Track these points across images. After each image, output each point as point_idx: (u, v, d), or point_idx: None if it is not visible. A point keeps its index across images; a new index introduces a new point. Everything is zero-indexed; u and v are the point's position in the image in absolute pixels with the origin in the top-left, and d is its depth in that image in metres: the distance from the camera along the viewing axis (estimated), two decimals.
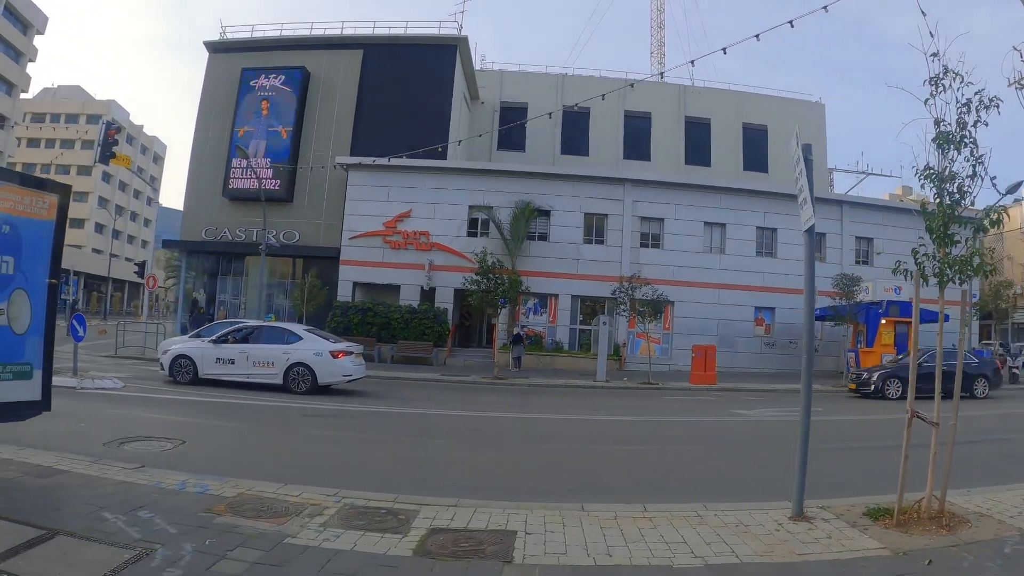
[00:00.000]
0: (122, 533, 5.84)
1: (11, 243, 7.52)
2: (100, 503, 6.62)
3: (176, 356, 19.80)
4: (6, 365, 7.48)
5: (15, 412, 7.76)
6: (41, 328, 7.95)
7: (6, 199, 7.49)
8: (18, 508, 6.22)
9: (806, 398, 7.57)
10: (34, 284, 7.86)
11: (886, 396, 22.83)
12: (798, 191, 7.85)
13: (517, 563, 5.69)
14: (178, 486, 7.56)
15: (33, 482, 7.30)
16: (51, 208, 8.10)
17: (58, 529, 5.76)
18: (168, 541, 5.74)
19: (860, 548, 6.19)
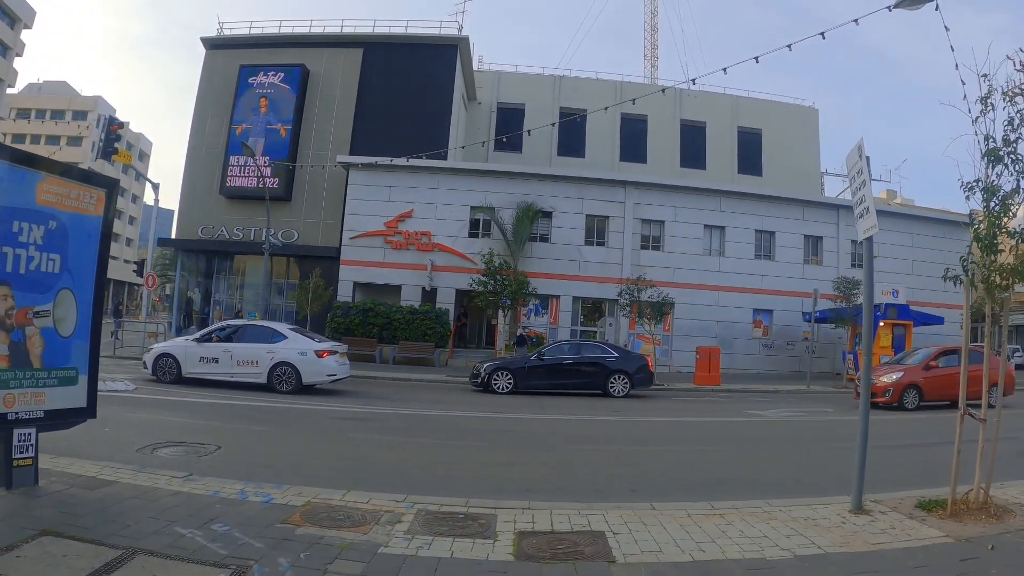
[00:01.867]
0: (205, 549, 5.64)
1: (58, 240, 7.21)
2: (167, 517, 6.40)
3: (159, 355, 19.71)
4: (52, 370, 7.20)
5: (61, 420, 7.46)
6: (87, 331, 7.65)
7: (52, 192, 7.19)
8: (82, 526, 5.95)
9: (864, 402, 7.83)
10: (81, 284, 7.55)
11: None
12: (857, 201, 7.88)
13: (621, 562, 5.79)
14: (239, 495, 7.38)
15: (85, 495, 6.96)
16: (99, 203, 7.79)
17: (136, 548, 5.51)
18: (259, 556, 5.57)
19: (925, 537, 6.56)
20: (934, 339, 35.01)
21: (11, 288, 6.73)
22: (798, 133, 50.29)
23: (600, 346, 24.25)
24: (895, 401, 20.08)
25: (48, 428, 7.31)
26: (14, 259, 6.74)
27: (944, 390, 19.92)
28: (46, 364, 7.15)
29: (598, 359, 22.64)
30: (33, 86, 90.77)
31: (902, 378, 20.50)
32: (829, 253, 37.65)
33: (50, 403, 7.17)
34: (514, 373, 22.22)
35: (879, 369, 21.03)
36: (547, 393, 21.60)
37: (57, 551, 5.32)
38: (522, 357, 23.98)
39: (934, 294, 32.34)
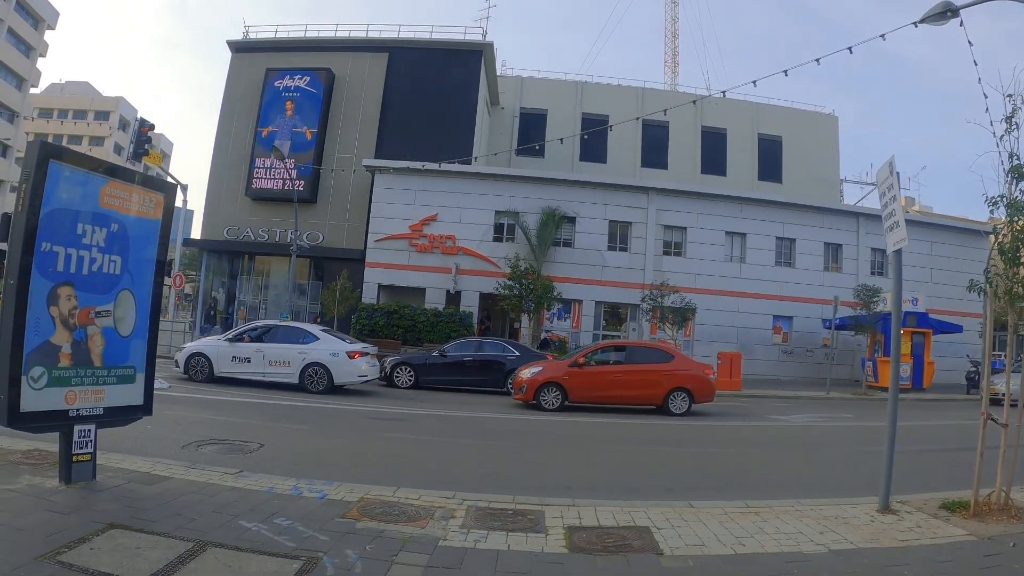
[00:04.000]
0: (273, 542, 5.86)
1: (119, 242, 7.48)
2: (229, 511, 6.62)
3: (192, 354, 20.07)
4: (111, 368, 7.47)
5: (119, 417, 7.74)
6: (145, 331, 7.93)
7: (114, 196, 7.45)
8: (147, 519, 6.16)
9: (893, 406, 8.13)
10: (140, 285, 7.82)
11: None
12: (886, 215, 8.20)
13: (668, 555, 6.12)
14: (293, 491, 7.62)
15: (144, 489, 7.19)
16: (158, 206, 8.07)
17: (205, 540, 5.72)
18: (327, 549, 5.79)
19: (950, 535, 6.90)
20: (954, 348, 35.21)
21: (74, 288, 6.97)
22: (818, 140, 50.37)
23: (501, 344, 24.33)
24: (531, 399, 18.39)
25: (107, 425, 7.60)
26: (78, 260, 7.00)
27: (593, 391, 18.60)
28: (106, 363, 7.42)
29: (497, 357, 22.91)
30: (55, 86, 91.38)
31: (539, 375, 18.69)
32: (849, 260, 37.73)
33: (109, 400, 7.45)
34: (416, 369, 22.66)
35: (531, 365, 19.75)
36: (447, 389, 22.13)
37: (130, 543, 5.56)
38: (424, 354, 24.33)
39: (953, 302, 32.48)
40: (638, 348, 21.24)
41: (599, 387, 18.63)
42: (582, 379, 18.55)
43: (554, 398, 18.35)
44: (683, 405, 18.57)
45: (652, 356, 19.88)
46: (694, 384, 18.87)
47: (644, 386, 18.65)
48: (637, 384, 18.65)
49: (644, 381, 18.67)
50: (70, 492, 6.84)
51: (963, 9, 12.68)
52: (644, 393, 18.72)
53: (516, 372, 19.61)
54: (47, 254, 6.71)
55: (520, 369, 19.57)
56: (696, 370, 19.55)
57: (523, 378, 18.78)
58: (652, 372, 18.82)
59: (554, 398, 18.35)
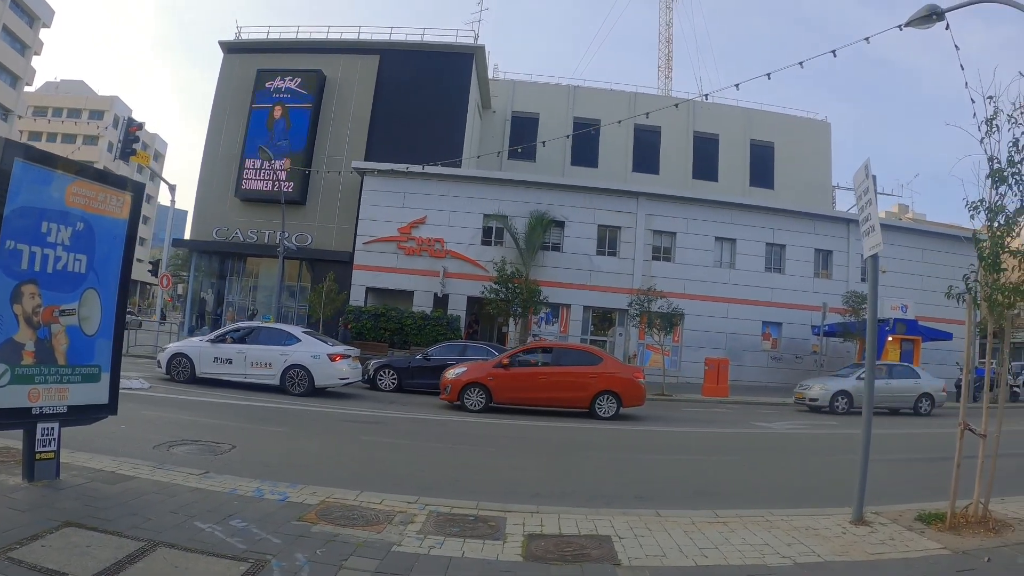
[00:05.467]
0: (224, 544, 5.82)
1: (85, 241, 7.45)
2: (186, 512, 6.58)
3: (174, 354, 19.96)
4: (75, 367, 7.43)
5: (83, 416, 7.69)
6: (111, 330, 7.88)
7: (80, 195, 7.42)
8: (103, 518, 6.12)
9: (867, 415, 8.01)
10: (106, 284, 7.78)
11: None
12: (863, 219, 8.11)
13: (626, 565, 5.99)
14: (255, 493, 7.56)
15: (106, 488, 7.14)
16: (125, 206, 8.03)
17: (157, 540, 5.69)
18: (277, 551, 5.74)
19: (923, 548, 6.72)
20: (943, 355, 35.16)
21: (39, 286, 6.94)
22: (810, 146, 50.40)
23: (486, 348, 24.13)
24: (455, 399, 18.25)
25: (70, 423, 7.51)
26: (42, 258, 6.97)
27: (518, 392, 18.42)
28: (70, 361, 7.38)
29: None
30: (50, 84, 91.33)
31: (464, 375, 18.57)
32: (839, 267, 37.77)
33: (73, 399, 7.39)
34: (399, 372, 22.66)
35: (455, 366, 19.72)
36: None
37: (81, 541, 5.51)
38: (407, 357, 24.27)
39: (943, 309, 32.35)
40: (565, 350, 21.08)
41: (524, 388, 18.48)
42: (507, 380, 18.42)
43: (478, 399, 18.23)
44: (610, 408, 18.39)
45: (580, 358, 19.71)
46: (622, 387, 18.67)
47: (570, 388, 18.56)
48: (563, 386, 18.56)
49: (571, 383, 18.57)
50: (32, 490, 6.81)
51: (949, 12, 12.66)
52: (570, 395, 18.63)
53: (443, 373, 19.52)
54: (11, 252, 6.68)
55: (446, 369, 19.55)
56: (625, 373, 19.47)
57: (448, 378, 18.76)
58: (579, 374, 18.68)
59: (478, 399, 18.23)
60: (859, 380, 23.56)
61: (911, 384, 24.63)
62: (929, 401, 24.40)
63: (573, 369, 18.92)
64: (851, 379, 24.33)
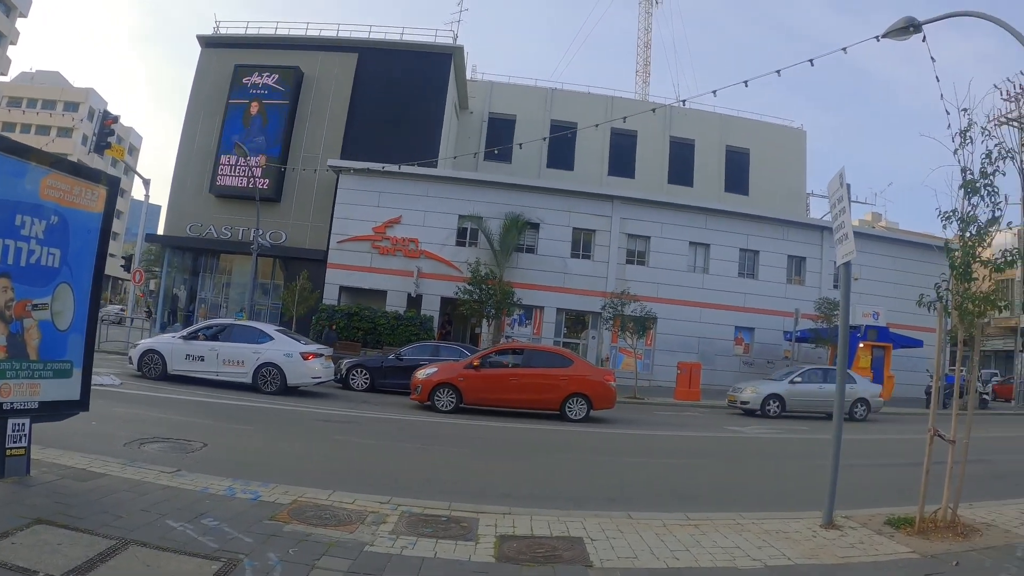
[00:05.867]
0: (196, 543, 5.78)
1: (59, 235, 7.35)
2: (158, 510, 6.53)
3: (146, 350, 19.82)
4: (47, 363, 7.33)
5: (54, 412, 7.63)
6: (83, 325, 7.79)
7: (56, 188, 7.33)
8: (74, 516, 6.07)
9: (838, 420, 8.13)
10: (79, 279, 7.69)
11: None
12: (836, 228, 8.20)
13: (598, 567, 6.02)
14: (227, 492, 7.52)
15: (76, 486, 7.06)
16: (100, 199, 7.95)
17: (128, 539, 5.63)
18: (249, 551, 5.71)
19: (892, 552, 6.82)
20: (914, 362, 35.59)
21: (11, 280, 6.84)
22: (785, 154, 50.72)
23: (458, 349, 24.26)
24: (425, 400, 18.26)
25: (41, 419, 7.43)
26: (16, 252, 6.86)
27: (488, 393, 18.41)
28: (42, 356, 7.27)
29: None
30: (26, 75, 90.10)
31: (434, 375, 18.58)
32: (812, 274, 38.08)
33: (44, 395, 7.29)
34: (371, 371, 22.72)
35: (426, 367, 19.67)
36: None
37: (52, 539, 5.44)
38: (380, 356, 24.27)
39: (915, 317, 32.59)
40: (536, 352, 21.09)
41: (494, 390, 18.47)
42: (477, 381, 18.39)
43: (449, 400, 18.22)
44: (581, 411, 18.47)
45: (550, 360, 19.76)
46: (592, 390, 18.75)
47: (541, 390, 18.61)
48: (534, 388, 18.62)
49: (541, 385, 18.63)
50: (1, 486, 6.70)
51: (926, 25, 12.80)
52: (541, 397, 18.69)
53: (414, 373, 19.46)
54: None
55: (418, 370, 19.51)
56: (595, 376, 19.59)
57: (419, 378, 18.70)
58: (549, 376, 18.74)
59: (449, 400, 18.22)
60: (791, 384, 23.89)
61: (847, 389, 24.33)
62: (864, 406, 24.28)
63: (544, 371, 18.96)
64: (783, 382, 24.39)
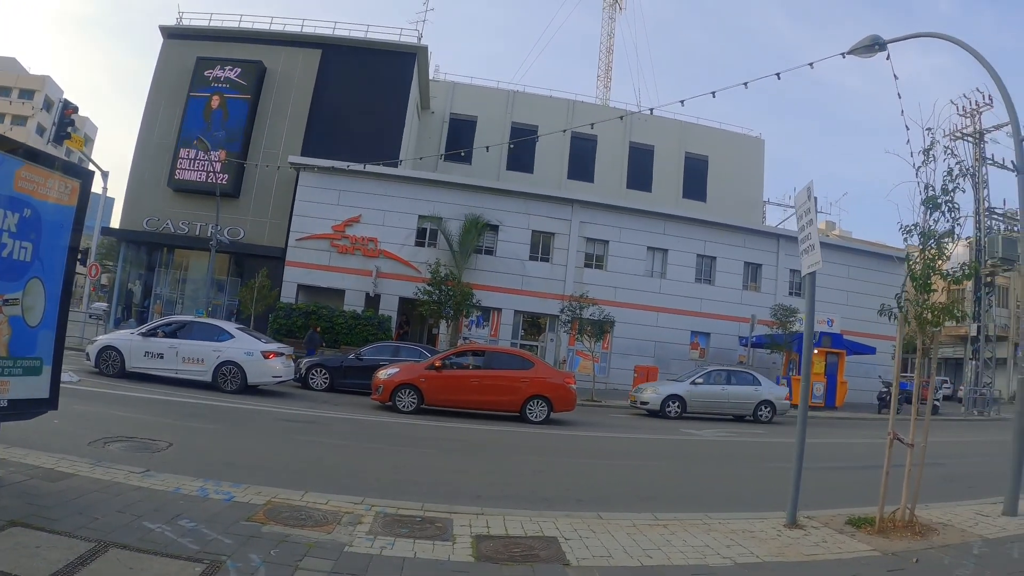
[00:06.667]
0: (176, 544, 5.77)
1: (31, 228, 7.08)
2: (133, 511, 6.50)
3: (103, 347, 19.53)
4: (17, 359, 7.05)
5: (23, 410, 7.36)
6: (54, 322, 7.49)
7: (29, 180, 7.08)
8: (49, 517, 6.01)
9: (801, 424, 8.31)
10: (50, 274, 7.41)
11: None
12: (802, 239, 8.43)
13: (575, 565, 6.17)
14: (199, 492, 7.51)
15: (47, 486, 6.99)
16: (73, 193, 7.71)
17: (107, 541, 5.60)
18: (230, 552, 5.73)
19: (854, 550, 7.13)
20: (867, 368, 36.33)
21: None
22: (744, 162, 51.38)
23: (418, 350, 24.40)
24: (386, 400, 18.33)
25: (10, 418, 7.27)
26: None
27: (449, 395, 18.63)
28: (12, 353, 7.01)
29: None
30: None
31: (396, 376, 18.65)
32: (768, 280, 38.64)
33: (14, 392, 7.03)
34: (331, 371, 22.83)
35: (387, 367, 19.75)
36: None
37: (30, 542, 5.40)
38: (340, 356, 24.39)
39: (868, 324, 33.29)
40: (497, 354, 21.24)
41: (456, 391, 18.65)
42: (439, 382, 18.54)
43: (410, 400, 18.32)
44: (541, 413, 18.71)
45: (511, 362, 19.94)
46: (553, 392, 18.98)
47: (502, 392, 18.77)
48: (495, 390, 18.77)
49: (502, 387, 18.80)
50: None
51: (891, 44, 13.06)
52: (501, 399, 18.84)
53: (375, 373, 19.51)
54: None
55: (378, 370, 19.57)
56: (556, 378, 19.75)
57: (380, 379, 18.76)
58: (510, 378, 18.91)
59: (410, 400, 18.32)
60: (693, 385, 24.15)
61: (750, 391, 24.66)
62: (769, 408, 24.51)
63: (504, 373, 19.09)
64: (685, 383, 24.60)
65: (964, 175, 8.38)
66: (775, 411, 24.59)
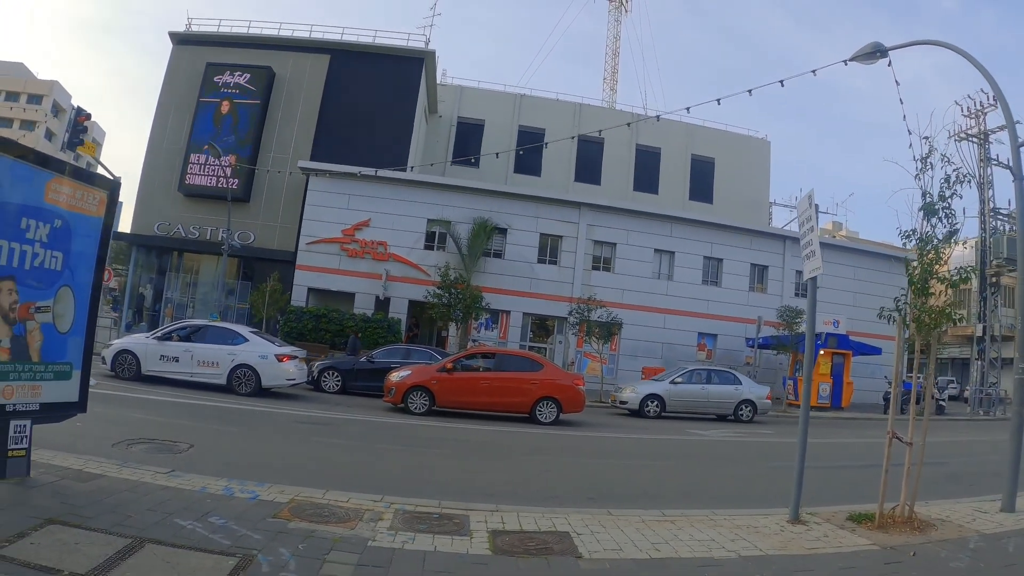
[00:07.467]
0: (208, 540, 5.97)
1: (61, 238, 7.49)
2: (164, 509, 6.69)
3: (119, 351, 19.73)
4: (48, 364, 7.45)
5: (54, 413, 7.75)
6: (83, 328, 7.93)
7: (59, 192, 7.47)
8: (84, 515, 6.19)
9: (803, 423, 8.61)
10: (79, 282, 7.83)
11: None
12: (804, 244, 8.68)
13: (587, 558, 6.45)
14: (224, 491, 7.74)
15: (78, 486, 7.18)
16: (101, 204, 8.10)
17: (143, 537, 5.79)
18: (260, 547, 5.94)
19: (855, 544, 7.40)
20: (872, 369, 36.43)
21: (15, 283, 6.96)
22: (749, 163, 51.36)
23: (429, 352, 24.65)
24: (399, 402, 18.64)
25: (42, 421, 7.55)
26: (20, 255, 6.99)
27: (460, 396, 18.90)
28: (44, 358, 7.40)
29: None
30: None
31: (408, 378, 18.94)
32: (774, 282, 38.80)
33: (45, 396, 7.43)
34: (343, 374, 23.01)
35: (399, 369, 20.04)
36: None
37: (68, 539, 5.59)
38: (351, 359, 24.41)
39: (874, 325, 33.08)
40: (507, 356, 21.65)
41: (467, 393, 18.93)
42: (450, 384, 18.81)
43: (422, 402, 18.57)
44: (551, 414, 18.97)
45: (521, 364, 20.22)
46: (562, 394, 19.24)
47: (512, 394, 19.01)
48: (505, 391, 19.02)
49: (512, 389, 19.05)
50: (5, 487, 6.84)
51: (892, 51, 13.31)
52: (512, 400, 19.08)
53: (387, 375, 19.76)
54: None
55: (390, 372, 19.82)
56: (565, 380, 20.00)
57: (392, 381, 19.03)
58: (520, 380, 19.15)
59: (422, 402, 18.57)
60: (672, 384, 24.36)
61: (731, 390, 24.86)
62: (750, 408, 24.68)
63: (515, 375, 19.36)
64: (664, 383, 24.82)
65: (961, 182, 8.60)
66: (756, 410, 24.75)
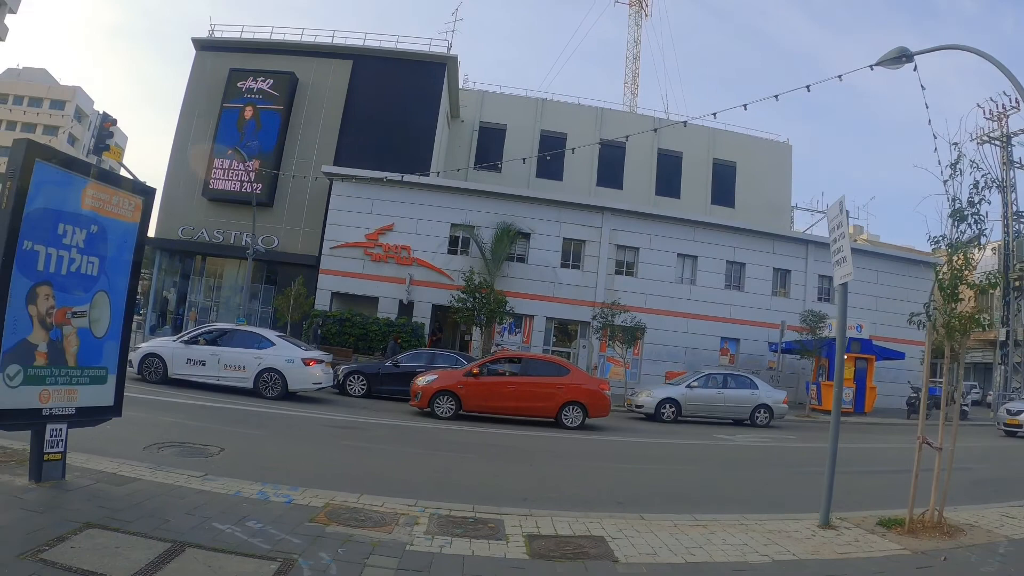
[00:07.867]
0: (248, 544, 6.03)
1: (98, 244, 7.58)
2: (201, 513, 6.75)
3: (146, 354, 19.84)
4: (84, 369, 7.54)
5: (90, 417, 7.78)
6: (118, 333, 8.03)
7: (96, 198, 7.55)
8: (122, 519, 6.23)
9: (835, 428, 8.65)
10: (115, 287, 7.93)
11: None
12: (835, 251, 8.69)
13: (623, 562, 6.51)
14: (259, 495, 7.78)
15: (113, 490, 7.22)
16: (136, 210, 8.20)
17: (182, 541, 5.84)
18: (301, 551, 5.98)
19: (885, 549, 7.42)
20: (896, 374, 36.23)
21: (53, 288, 7.03)
22: (771, 167, 51.24)
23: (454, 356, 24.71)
24: (425, 406, 18.66)
25: (78, 425, 7.61)
26: (57, 260, 7.07)
27: (487, 401, 18.93)
28: (80, 363, 7.49)
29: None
30: (12, 71, 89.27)
31: (434, 383, 18.97)
32: (797, 286, 38.65)
33: (81, 400, 7.52)
34: (368, 378, 23.04)
35: (426, 374, 20.17)
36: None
37: (109, 543, 5.63)
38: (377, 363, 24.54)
39: (897, 330, 33.25)
40: (533, 360, 21.64)
41: (493, 397, 18.94)
42: (476, 389, 18.86)
43: (448, 406, 18.61)
44: (576, 419, 18.95)
45: (547, 369, 20.30)
46: (588, 398, 19.21)
47: (538, 398, 19.01)
48: (531, 396, 19.02)
49: (538, 393, 19.05)
50: (41, 491, 6.88)
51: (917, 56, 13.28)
52: (538, 405, 19.07)
53: (413, 380, 19.82)
54: (28, 253, 6.75)
55: (416, 376, 19.90)
56: (591, 384, 19.99)
57: (418, 385, 19.07)
58: (546, 385, 19.18)
59: (448, 406, 18.61)
60: (688, 388, 24.17)
61: (747, 395, 24.65)
62: (767, 412, 24.45)
63: (541, 380, 19.40)
64: (680, 387, 24.62)
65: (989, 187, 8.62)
66: (772, 415, 24.56)
